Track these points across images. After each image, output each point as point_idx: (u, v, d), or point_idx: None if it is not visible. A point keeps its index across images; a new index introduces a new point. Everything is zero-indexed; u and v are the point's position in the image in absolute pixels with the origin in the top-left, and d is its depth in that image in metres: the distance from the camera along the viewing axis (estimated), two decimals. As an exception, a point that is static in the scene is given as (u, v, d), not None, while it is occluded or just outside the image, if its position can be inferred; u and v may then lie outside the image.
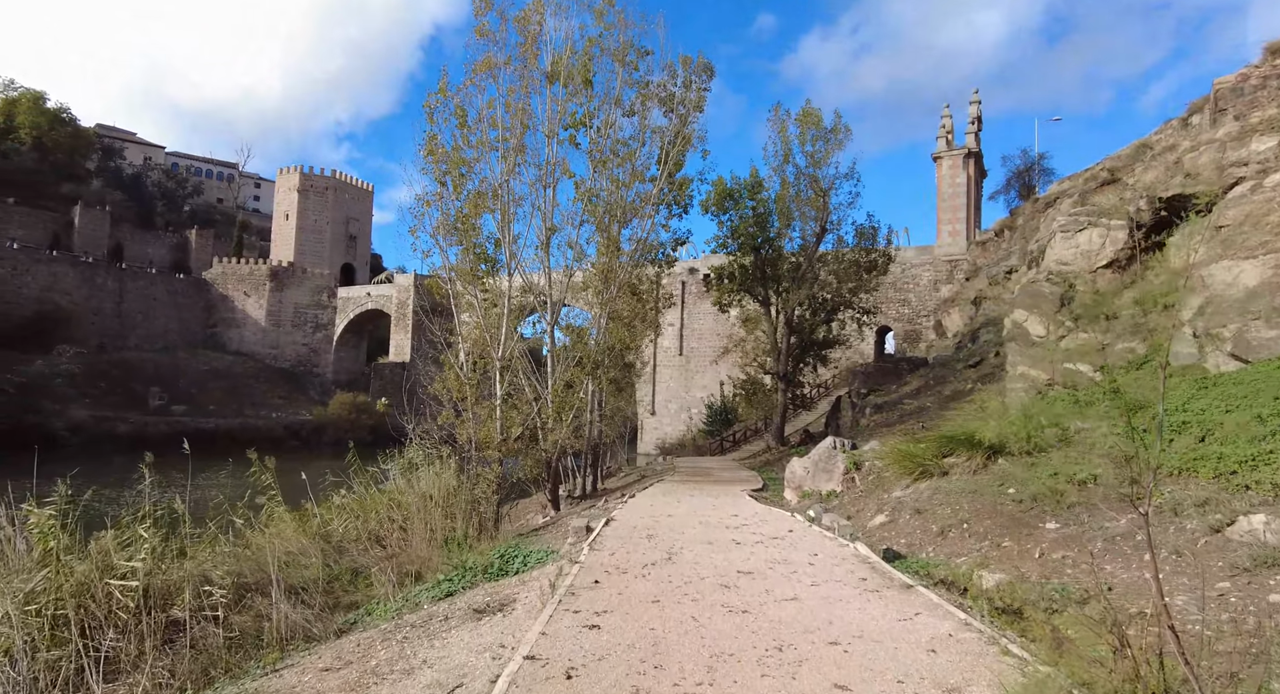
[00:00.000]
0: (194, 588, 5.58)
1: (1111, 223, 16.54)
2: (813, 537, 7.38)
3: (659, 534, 7.50)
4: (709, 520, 8.73)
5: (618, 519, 8.71)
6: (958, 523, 7.80)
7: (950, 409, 22.75)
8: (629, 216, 18.76)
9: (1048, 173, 42.10)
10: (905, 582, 5.27)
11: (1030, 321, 17.32)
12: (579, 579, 5.47)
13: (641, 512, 9.59)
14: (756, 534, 7.52)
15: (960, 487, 9.16)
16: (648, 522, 8.61)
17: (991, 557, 6.38)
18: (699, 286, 53.54)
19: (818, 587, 5.29)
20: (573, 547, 6.90)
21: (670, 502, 11.21)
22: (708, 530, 7.85)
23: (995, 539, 6.88)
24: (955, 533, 7.68)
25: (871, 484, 11.09)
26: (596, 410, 20.56)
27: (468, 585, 6.74)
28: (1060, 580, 5.40)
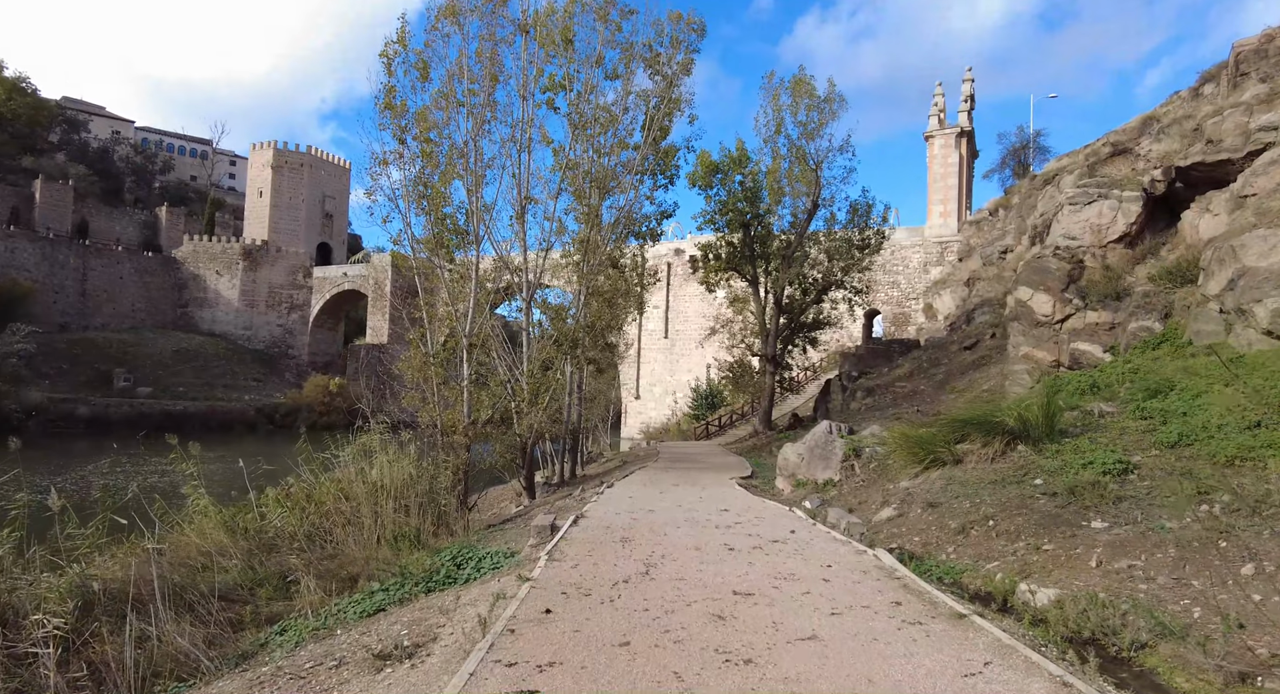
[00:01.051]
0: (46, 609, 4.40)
1: (1124, 194, 15.54)
2: (820, 539, 6.35)
3: (636, 536, 6.40)
4: (696, 516, 7.69)
5: (591, 515, 7.62)
6: (981, 519, 6.76)
7: (946, 393, 21.90)
8: (611, 186, 17.49)
9: (1043, 151, 41.24)
10: (954, 608, 4.19)
11: (1035, 300, 16.34)
12: (525, 607, 4.27)
13: (619, 505, 8.50)
14: (752, 535, 6.47)
15: (978, 477, 8.14)
16: (624, 519, 7.53)
17: (1032, 563, 5.34)
18: (685, 268, 52.28)
19: (840, 617, 4.13)
20: (533, 549, 5.80)
21: (652, 492, 10.11)
22: (695, 531, 6.74)
23: (1032, 540, 5.85)
24: (979, 531, 6.64)
25: (874, 473, 10.06)
26: (576, 393, 19.42)
27: (405, 597, 5.62)
28: (1131, 595, 4.37)
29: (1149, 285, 14.09)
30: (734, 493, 10.09)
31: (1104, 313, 14.93)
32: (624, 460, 21.27)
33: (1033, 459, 8.12)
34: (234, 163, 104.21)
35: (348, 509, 9.74)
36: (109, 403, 43.72)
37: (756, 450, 21.67)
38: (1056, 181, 25.70)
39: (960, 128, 44.89)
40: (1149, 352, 12.90)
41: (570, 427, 19.39)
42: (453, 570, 6.39)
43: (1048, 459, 8.00)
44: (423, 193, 13.93)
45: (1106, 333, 15.05)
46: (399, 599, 5.57)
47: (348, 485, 10.07)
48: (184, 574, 6.59)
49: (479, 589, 4.82)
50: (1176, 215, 15.50)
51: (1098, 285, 15.29)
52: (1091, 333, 15.24)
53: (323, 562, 7.64)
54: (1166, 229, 15.56)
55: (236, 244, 67.80)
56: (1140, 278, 14.63)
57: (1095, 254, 15.73)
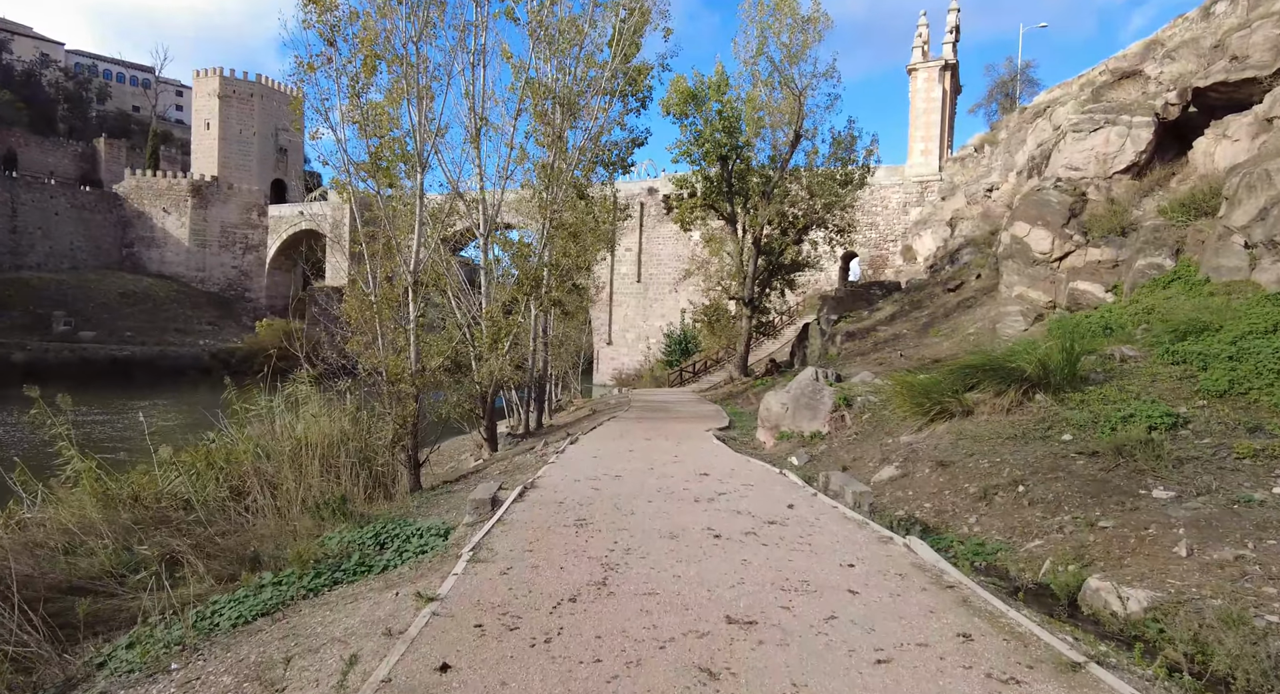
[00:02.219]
0: None
1: (1134, 120, 14.30)
2: (828, 518, 5.01)
3: (595, 516, 5.06)
4: (670, 484, 6.39)
5: (544, 482, 6.54)
6: (1007, 483, 5.72)
7: (930, 336, 21.00)
8: (577, 107, 15.71)
9: (1032, 84, 39.67)
10: (1059, 651, 2.88)
11: (1033, 236, 15.26)
12: (410, 662, 2.88)
13: (580, 467, 7.38)
14: (742, 513, 5.16)
15: (992, 431, 7.11)
16: (584, 489, 6.18)
17: (1090, 545, 4.29)
18: (659, 208, 50.40)
19: (892, 670, 2.82)
20: (465, 531, 4.61)
21: (621, 448, 8.95)
22: (669, 507, 5.39)
23: (1079, 513, 4.81)
24: (1005, 498, 5.60)
25: (868, 425, 9.01)
26: (541, 338, 18.08)
27: (298, 593, 4.40)
28: (1256, 601, 3.31)
29: (1158, 219, 13.05)
30: (713, 448, 8.98)
31: (1108, 249, 13.91)
32: (594, 409, 20.17)
33: (1055, 410, 7.10)
34: (181, 93, 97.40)
35: (270, 470, 8.46)
36: (48, 347, 41.08)
37: (733, 398, 20.72)
38: (1048, 114, 24.37)
39: (945, 61, 42.95)
40: (1159, 290, 11.94)
41: (536, 374, 18.14)
42: (372, 553, 5.19)
43: (1073, 410, 6.99)
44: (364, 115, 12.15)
45: (1109, 271, 14.07)
46: (294, 595, 4.36)
47: (270, 443, 8.75)
48: (35, 560, 5.30)
49: (367, 607, 3.58)
50: (1187, 144, 14.36)
51: (1101, 220, 14.22)
52: (1093, 271, 14.24)
53: (225, 536, 6.38)
54: (1176, 159, 14.44)
55: (184, 180, 63.67)
56: (1149, 211, 13.57)
57: (1100, 186, 14.60)
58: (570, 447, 9.13)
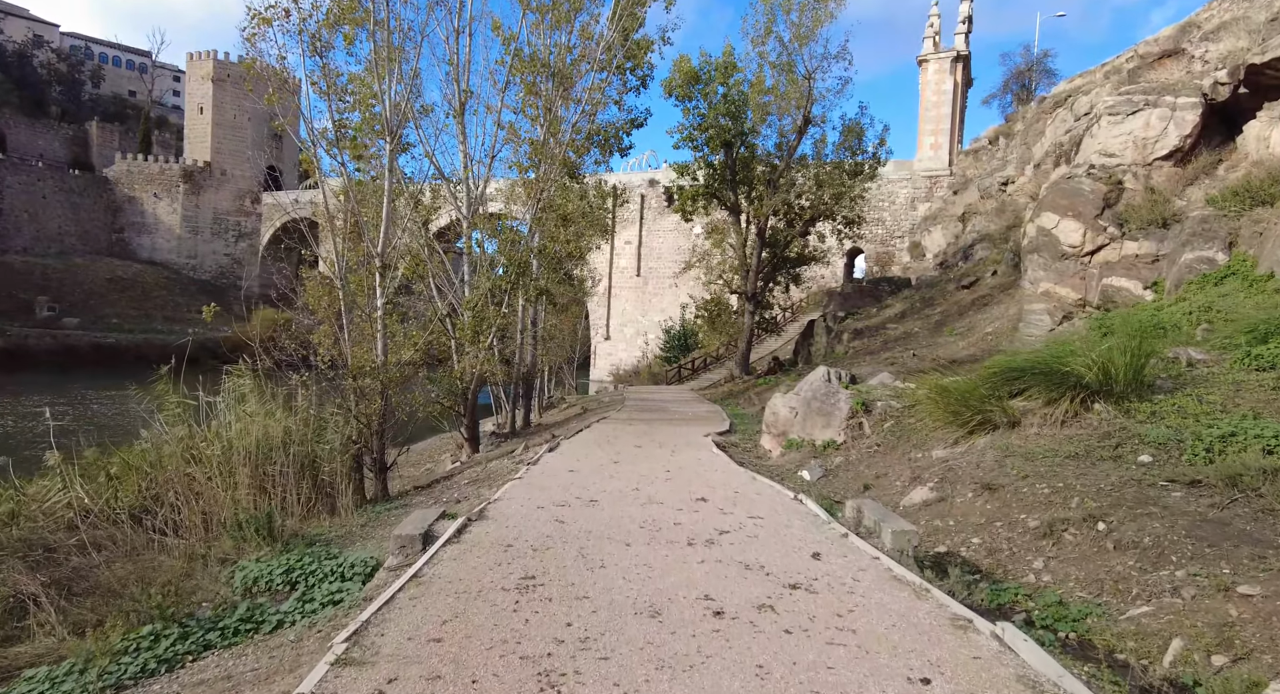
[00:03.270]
0: None
1: (1178, 101, 13.07)
2: (871, 579, 3.54)
3: (550, 570, 3.62)
4: (658, 515, 4.99)
5: (498, 510, 5.19)
6: (1081, 518, 4.54)
7: (943, 335, 19.83)
8: (570, 80, 14.49)
9: (1049, 74, 38.20)
10: None
11: (1061, 228, 14.05)
12: None
13: (550, 486, 6.13)
14: (753, 567, 3.73)
15: (1046, 447, 5.94)
16: (545, 521, 4.76)
17: (1238, 622, 3.12)
18: (659, 200, 49.14)
19: None
20: (389, 575, 3.44)
21: (605, 459, 7.74)
22: (654, 553, 4.00)
23: (1196, 567, 3.64)
24: (1080, 537, 4.43)
25: (890, 435, 7.83)
26: (530, 330, 16.90)
27: (153, 665, 3.24)
28: None
29: (1207, 209, 11.85)
30: (712, 460, 7.78)
31: (1147, 242, 12.71)
32: (585, 408, 19.00)
33: (1121, 424, 5.93)
34: (178, 79, 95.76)
35: (200, 478, 7.31)
36: (29, 333, 39.86)
37: (733, 397, 19.55)
38: (1070, 103, 23.11)
39: (956, 51, 41.61)
40: (1210, 287, 10.75)
41: (524, 369, 16.97)
42: (280, 592, 4.03)
43: (1144, 424, 5.82)
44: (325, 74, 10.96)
45: (1148, 266, 12.87)
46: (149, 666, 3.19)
47: (200, 446, 7.59)
48: None
49: (303, 630, 2.42)
50: (1235, 128, 13.15)
51: (1139, 211, 13.02)
52: (1129, 266, 13.05)
53: (114, 566, 5.21)
54: (1223, 145, 13.23)
55: (176, 165, 62.37)
56: (1195, 201, 12.37)
57: (1138, 174, 13.39)
58: (547, 454, 7.95)
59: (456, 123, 14.41)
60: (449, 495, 7.53)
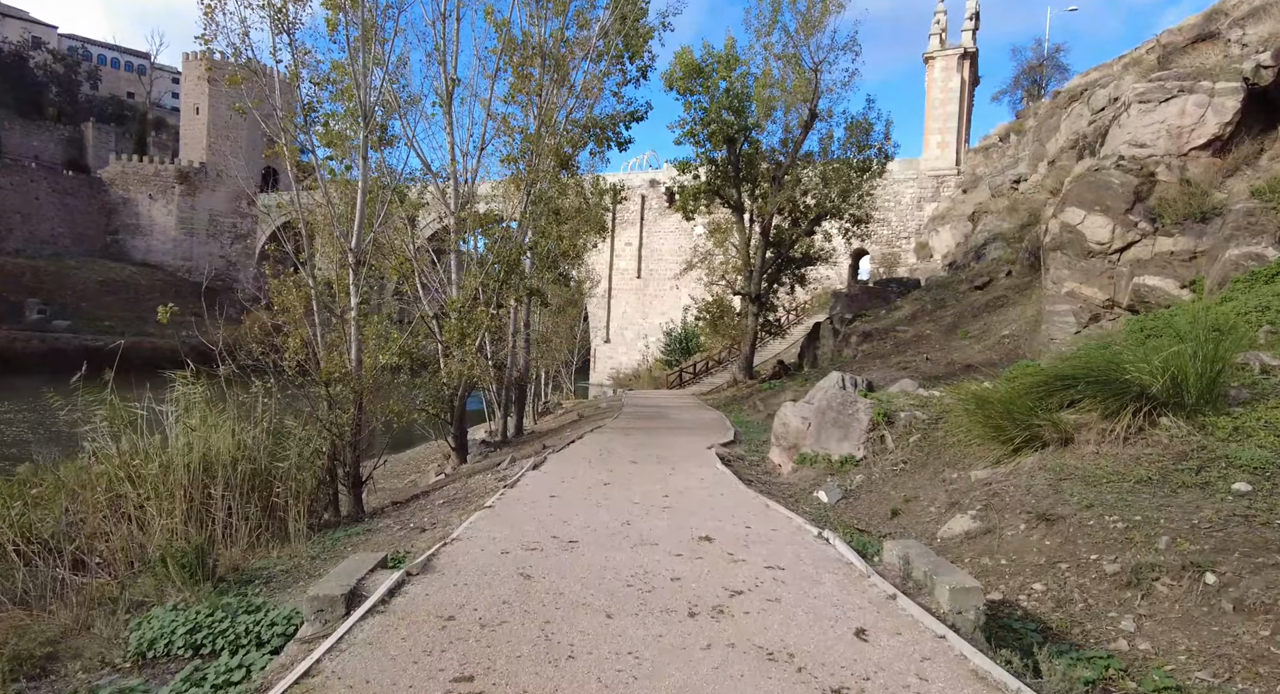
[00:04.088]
0: None
1: (1217, 87, 12.18)
2: (942, 673, 2.56)
3: (498, 664, 2.60)
4: (651, 565, 3.92)
5: (453, 556, 4.06)
6: (1180, 566, 3.66)
7: (957, 338, 18.92)
8: (565, 66, 13.65)
9: (1062, 70, 37.28)
10: None
11: (1088, 224, 13.14)
12: None
13: (526, 516, 5.15)
14: (777, 656, 2.71)
15: (1110, 470, 5.06)
16: (508, 575, 3.69)
17: None
18: (660, 201, 48.34)
19: None
20: (301, 649, 2.59)
21: (594, 479, 6.79)
22: (641, 631, 2.96)
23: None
24: (1180, 589, 3.55)
25: (917, 451, 6.94)
26: (523, 333, 16.05)
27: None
28: None
29: (1252, 202, 10.96)
30: (717, 481, 6.86)
31: (1183, 238, 11.81)
32: (581, 414, 18.12)
33: (1199, 442, 5.04)
34: (177, 80, 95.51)
35: (134, 498, 6.46)
36: (16, 336, 39.08)
37: (737, 403, 18.66)
38: (1086, 97, 22.21)
39: (963, 48, 40.78)
40: (1261, 285, 9.84)
41: (515, 374, 16.11)
42: (133, 691, 3.14)
43: (1227, 443, 4.94)
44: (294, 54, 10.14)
45: (1184, 264, 11.96)
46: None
47: (137, 463, 6.72)
48: None
49: None
50: (1275, 115, 12.27)
51: (1174, 204, 12.12)
52: (1164, 264, 12.14)
53: (-1, 614, 4.34)
54: (1264, 134, 12.34)
55: (171, 166, 61.66)
56: (1237, 193, 11.48)
57: (1172, 165, 12.50)
58: (530, 473, 7.05)
59: (443, 113, 13.59)
60: (418, 519, 6.65)
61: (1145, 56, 21.45)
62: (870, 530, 5.70)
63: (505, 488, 6.13)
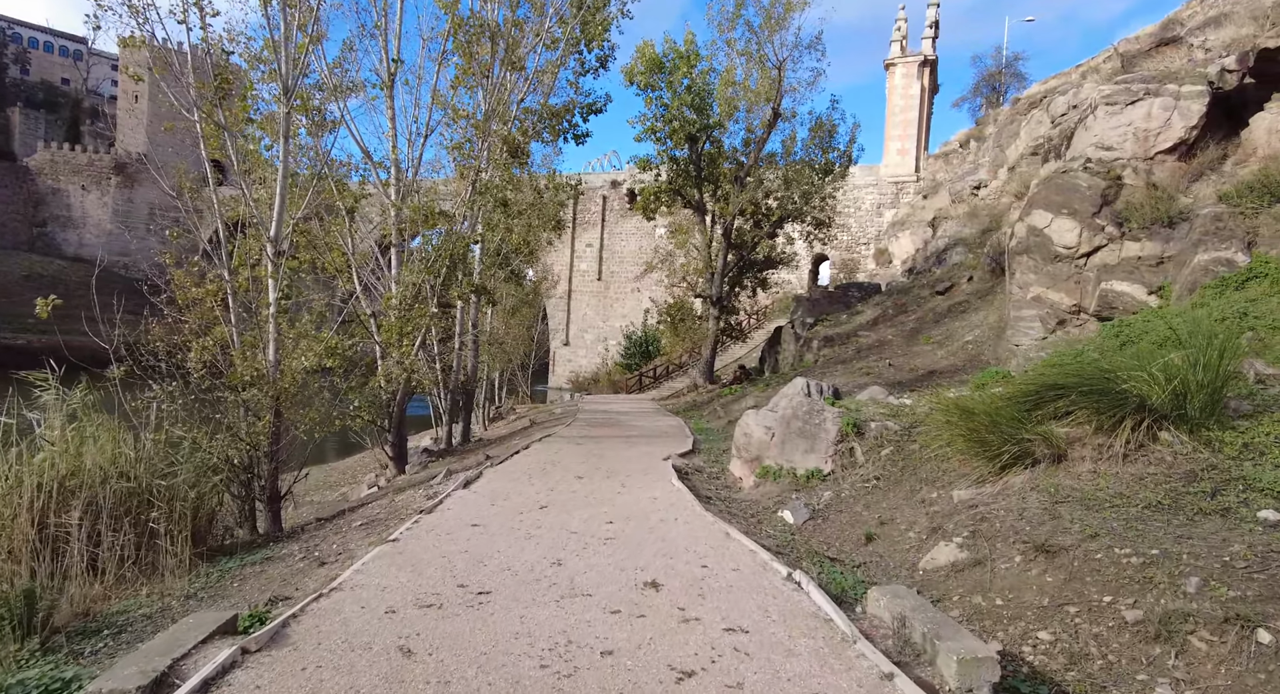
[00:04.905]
0: None
1: (1182, 90, 11.99)
2: None
3: None
4: (581, 628, 3.11)
5: (309, 627, 3.04)
6: (1221, 619, 3.04)
7: (919, 344, 18.60)
8: (518, 53, 12.82)
9: (1020, 78, 37.80)
10: None
11: (1055, 227, 12.85)
12: None
13: (437, 553, 4.24)
14: None
15: (1111, 490, 4.49)
16: (382, 654, 2.79)
17: None
18: (622, 202, 47.65)
19: None
20: None
21: (530, 500, 5.95)
22: None
23: None
24: (1224, 649, 2.93)
25: (891, 466, 6.32)
26: (470, 334, 15.11)
27: None
28: None
29: (1219, 206, 10.75)
30: (671, 501, 6.10)
31: (1151, 243, 11.56)
32: (533, 420, 17.22)
33: (1207, 459, 4.51)
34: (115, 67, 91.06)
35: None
36: (-78, 335, 36.26)
37: (697, 408, 18.00)
38: (1046, 104, 22.28)
39: (923, 56, 41.13)
40: (1231, 292, 9.57)
41: (464, 378, 15.16)
42: None
43: (1239, 461, 4.41)
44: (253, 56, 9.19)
45: (1152, 269, 11.72)
46: None
47: None
48: None
49: None
50: (1238, 122, 12.16)
51: (1141, 208, 11.88)
52: (1131, 269, 11.88)
53: None
54: (1227, 139, 12.22)
55: (108, 156, 58.48)
56: (1204, 197, 11.28)
57: (1138, 169, 12.28)
58: (458, 492, 6.18)
59: (385, 96, 12.64)
60: (326, 546, 5.75)
61: (1103, 65, 21.60)
62: (843, 559, 5.03)
63: (422, 513, 5.26)
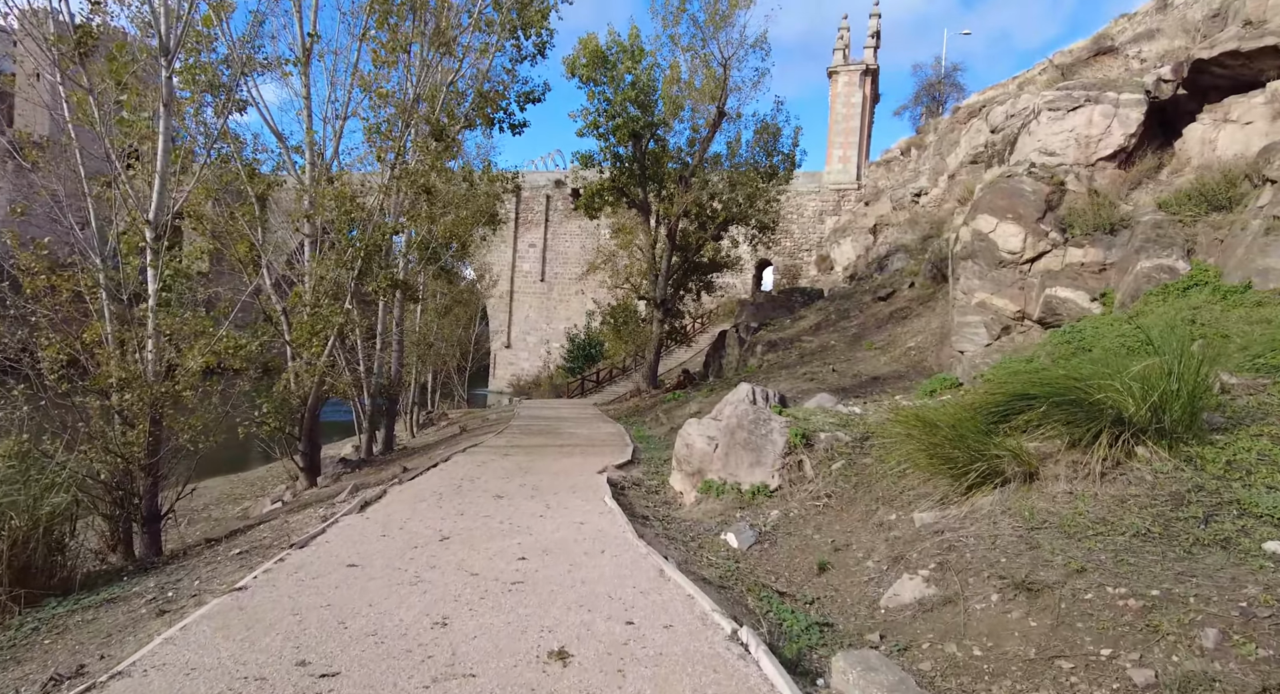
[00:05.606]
0: None
1: (1122, 98, 12.01)
2: None
3: None
4: None
5: None
6: (1260, 689, 2.46)
7: (862, 349, 18.43)
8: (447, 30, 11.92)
9: (958, 89, 38.73)
10: None
11: (1000, 232, 12.72)
12: None
13: (288, 612, 3.33)
14: None
15: (1092, 515, 4.01)
16: None
17: None
18: (566, 202, 46.73)
19: None
20: None
21: (431, 529, 4.98)
22: None
23: None
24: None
25: (843, 481, 5.75)
26: (395, 334, 14.01)
27: None
28: None
29: (1158, 214, 10.74)
30: (601, 528, 5.31)
31: (1093, 250, 11.49)
32: (465, 426, 16.20)
33: (1189, 478, 4.08)
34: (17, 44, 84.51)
35: None
36: None
37: (639, 414, 17.33)
38: (985, 114, 22.57)
39: (865, 65, 41.83)
40: (1174, 299, 9.49)
41: (386, 381, 14.06)
42: None
43: (1225, 481, 4.00)
44: None
45: (1095, 275, 11.66)
46: None
47: None
48: None
49: None
50: (1171, 132, 12.30)
51: (1083, 215, 11.83)
52: (1074, 275, 11.80)
53: None
54: (1161, 148, 12.33)
55: (2, 138, 53.86)
56: (1143, 205, 11.29)
57: (1080, 175, 12.26)
58: (350, 518, 5.26)
59: (300, 73, 11.55)
60: (191, 579, 4.79)
61: (1038, 77, 22.05)
62: (794, 593, 4.40)
63: (293, 548, 4.35)
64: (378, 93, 10.24)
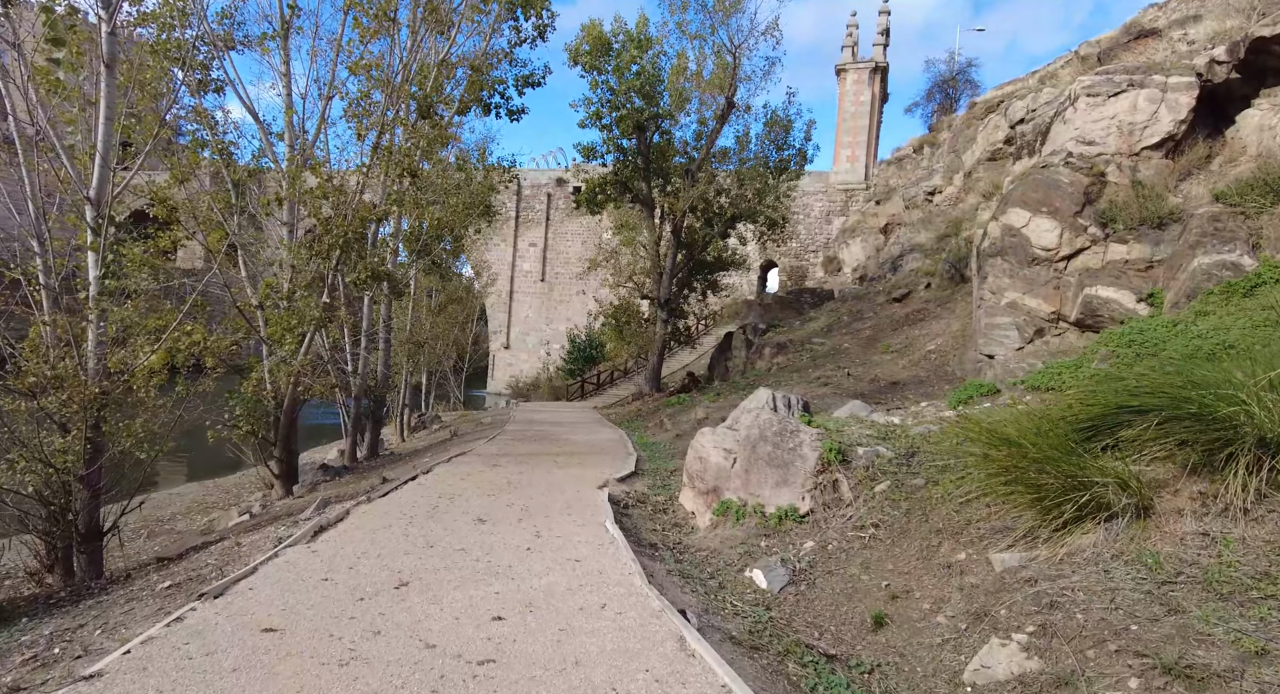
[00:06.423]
0: None
1: (1169, 81, 11.07)
2: None
3: None
4: None
5: None
6: None
7: (877, 352, 17.48)
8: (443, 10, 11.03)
9: (973, 85, 37.75)
10: None
11: (1034, 227, 11.77)
12: None
13: (189, 688, 2.43)
14: None
15: (1250, 569, 3.04)
16: None
17: None
18: (568, 201, 45.82)
19: None
20: None
21: (388, 573, 3.77)
22: None
23: None
24: None
25: (891, 507, 4.81)
26: (381, 331, 13.09)
27: None
28: None
29: (1217, 206, 9.81)
30: (601, 569, 4.28)
31: (1139, 245, 10.55)
32: (457, 430, 15.25)
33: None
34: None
35: None
36: None
37: (641, 419, 16.38)
38: (1003, 109, 21.70)
39: (874, 62, 40.90)
40: (1238, 298, 8.52)
41: (371, 383, 13.13)
42: None
43: None
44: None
45: (1140, 274, 10.72)
46: None
47: None
48: None
49: None
50: (1222, 118, 11.37)
51: (1126, 208, 10.90)
52: (1117, 273, 10.86)
53: None
54: (1211, 138, 11.40)
55: (-1, 132, 53.07)
56: (1196, 197, 10.35)
57: (1123, 166, 11.33)
58: (293, 550, 4.31)
59: (279, 48, 10.66)
60: (95, 627, 3.85)
61: (1061, 70, 21.13)
62: (847, 657, 3.45)
63: (202, 598, 3.38)
64: (360, 64, 9.34)
